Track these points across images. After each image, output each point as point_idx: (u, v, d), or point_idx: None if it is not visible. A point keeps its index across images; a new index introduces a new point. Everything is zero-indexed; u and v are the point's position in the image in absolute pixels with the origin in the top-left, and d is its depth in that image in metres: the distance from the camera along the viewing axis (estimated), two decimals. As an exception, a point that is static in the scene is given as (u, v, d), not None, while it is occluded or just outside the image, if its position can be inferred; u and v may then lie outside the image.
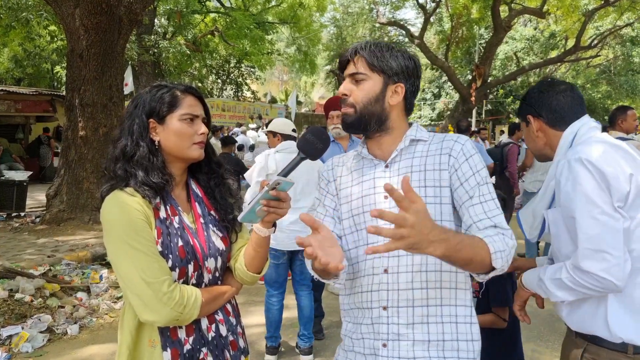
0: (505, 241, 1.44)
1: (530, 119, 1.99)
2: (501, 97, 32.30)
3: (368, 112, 1.59)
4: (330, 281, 1.64)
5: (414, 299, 1.54)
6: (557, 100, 1.93)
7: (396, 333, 1.55)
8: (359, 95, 1.60)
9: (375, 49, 1.60)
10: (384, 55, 1.60)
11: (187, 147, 1.60)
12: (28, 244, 7.34)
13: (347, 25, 28.83)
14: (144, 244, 1.46)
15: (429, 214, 1.24)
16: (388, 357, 1.55)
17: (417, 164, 1.59)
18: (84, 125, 8.41)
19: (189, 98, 1.62)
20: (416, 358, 1.53)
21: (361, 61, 1.60)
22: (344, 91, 1.62)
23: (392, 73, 1.60)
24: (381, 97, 1.60)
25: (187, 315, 1.49)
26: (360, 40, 2.16)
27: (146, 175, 1.53)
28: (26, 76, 21.44)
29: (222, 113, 19.37)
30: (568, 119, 1.91)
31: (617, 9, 18.85)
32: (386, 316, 1.56)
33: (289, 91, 32.61)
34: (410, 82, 1.64)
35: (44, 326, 4.55)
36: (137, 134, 1.57)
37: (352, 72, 1.61)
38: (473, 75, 18.94)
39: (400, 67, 1.61)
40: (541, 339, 4.56)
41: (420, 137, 1.63)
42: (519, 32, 29.74)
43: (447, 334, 1.54)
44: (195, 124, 1.61)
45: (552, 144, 1.95)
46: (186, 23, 19.12)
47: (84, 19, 8.04)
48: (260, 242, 1.62)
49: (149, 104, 1.59)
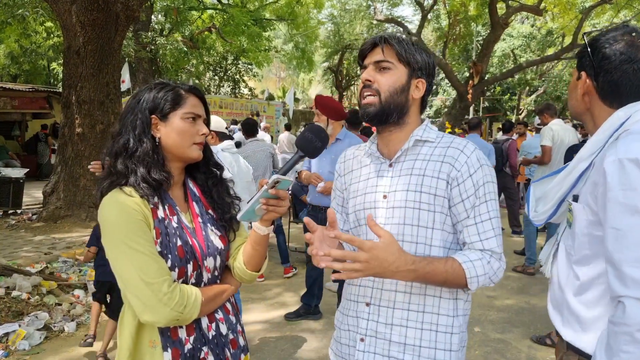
0: (489, 265, 1.50)
1: (582, 76, 1.59)
2: (498, 94, 32.33)
3: (393, 102, 1.57)
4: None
5: (396, 301, 1.57)
6: (626, 73, 1.48)
7: (374, 330, 1.59)
8: (385, 84, 1.57)
9: (403, 41, 1.58)
10: (411, 47, 1.58)
11: (187, 147, 1.59)
12: (25, 241, 7.33)
13: (344, 22, 28.75)
14: (143, 244, 1.46)
15: (394, 246, 1.36)
16: (364, 351, 1.60)
17: (418, 167, 1.57)
18: (80, 123, 8.40)
19: (192, 98, 1.62)
20: (390, 357, 1.56)
21: (389, 50, 1.57)
22: (368, 77, 1.59)
23: (417, 67, 1.59)
24: (406, 88, 1.58)
25: (187, 315, 1.49)
26: (357, 39, 2.17)
27: (147, 172, 1.52)
28: (22, 73, 21.33)
29: (219, 110, 19.32)
30: (626, 97, 1.51)
31: (614, 6, 18.87)
32: (367, 312, 1.61)
33: (286, 88, 32.56)
34: (429, 80, 1.63)
35: (41, 324, 4.54)
36: (139, 129, 1.56)
37: (378, 59, 1.58)
38: (470, 72, 18.93)
39: (425, 63, 1.60)
40: (537, 334, 4.57)
41: (427, 138, 1.60)
42: (516, 30, 29.74)
43: (424, 340, 1.55)
44: (197, 124, 1.61)
45: (594, 115, 1.59)
46: (183, 20, 19.04)
47: (80, 15, 8.02)
48: (259, 241, 1.63)
49: (153, 100, 1.58)
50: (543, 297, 5.69)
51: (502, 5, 18.12)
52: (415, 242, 1.54)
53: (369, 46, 1.62)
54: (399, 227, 1.55)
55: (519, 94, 31.17)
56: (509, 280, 6.34)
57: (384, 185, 1.61)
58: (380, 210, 1.60)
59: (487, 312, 5.20)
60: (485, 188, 1.52)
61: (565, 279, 1.60)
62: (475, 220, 1.52)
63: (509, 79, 27.21)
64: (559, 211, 1.70)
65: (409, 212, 1.54)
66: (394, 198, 1.57)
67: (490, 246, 1.51)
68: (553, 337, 4.39)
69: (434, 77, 1.66)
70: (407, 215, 1.54)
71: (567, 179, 1.61)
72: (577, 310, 1.54)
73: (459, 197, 1.52)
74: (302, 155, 1.56)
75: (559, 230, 1.74)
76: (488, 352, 4.28)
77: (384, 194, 1.60)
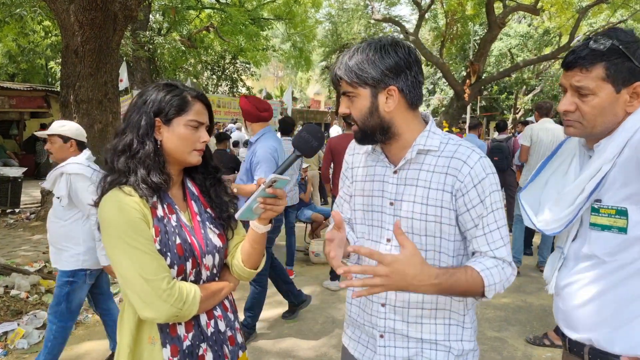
0: (503, 272, 1.51)
1: (636, 86, 1.50)
2: (495, 93, 32.36)
3: (368, 127, 1.56)
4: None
5: (410, 301, 1.60)
6: None
7: (392, 327, 1.63)
8: (355, 113, 1.57)
9: (352, 64, 1.52)
10: (362, 67, 1.50)
11: (187, 152, 1.61)
12: (23, 240, 7.34)
13: (342, 21, 28.78)
14: (142, 242, 1.48)
15: (416, 258, 1.35)
16: (385, 346, 1.64)
17: (423, 178, 1.56)
18: (78, 122, 8.35)
19: (198, 105, 1.63)
20: (410, 348, 1.62)
21: (343, 82, 1.56)
22: (344, 110, 1.60)
23: (376, 81, 1.51)
24: (374, 109, 1.54)
25: (186, 312, 1.51)
26: (355, 38, 2.17)
27: (147, 174, 1.54)
28: (20, 72, 21.27)
29: (217, 109, 19.28)
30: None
31: (611, 6, 18.91)
32: (384, 312, 1.64)
33: (284, 87, 32.52)
34: (403, 77, 1.51)
35: (39, 322, 4.57)
36: (142, 130, 1.57)
37: (344, 91, 1.59)
38: (467, 71, 18.97)
39: (382, 71, 1.50)
40: (533, 334, 4.60)
41: (430, 147, 1.56)
42: (513, 29, 29.78)
43: (439, 334, 1.61)
44: (199, 131, 1.62)
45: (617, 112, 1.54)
46: (181, 19, 19.01)
47: (78, 14, 8.01)
48: (257, 239, 1.66)
49: (159, 102, 1.58)
50: (539, 296, 5.73)
51: (499, 5, 18.15)
52: (424, 249, 1.57)
53: (334, 83, 1.62)
54: (408, 236, 1.53)
55: (516, 93, 31.21)
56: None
57: (390, 192, 1.61)
58: (388, 217, 1.62)
59: (484, 311, 5.23)
60: (491, 198, 1.51)
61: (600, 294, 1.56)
62: (484, 230, 1.52)
63: (506, 78, 27.28)
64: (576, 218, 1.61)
65: (416, 223, 1.56)
66: (400, 207, 1.58)
67: (501, 255, 1.52)
68: (551, 337, 4.41)
69: (412, 66, 1.53)
70: (415, 225, 1.56)
71: (589, 183, 1.54)
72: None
73: (464, 207, 1.52)
74: (298, 154, 1.58)
75: (562, 243, 1.70)
76: (485, 350, 4.31)
77: (391, 200, 1.61)
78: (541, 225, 1.71)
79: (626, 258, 1.50)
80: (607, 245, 1.53)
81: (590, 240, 1.58)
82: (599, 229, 1.55)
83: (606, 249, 1.53)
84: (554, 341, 4.35)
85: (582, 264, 1.61)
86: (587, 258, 1.59)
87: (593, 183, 1.53)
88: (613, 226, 1.51)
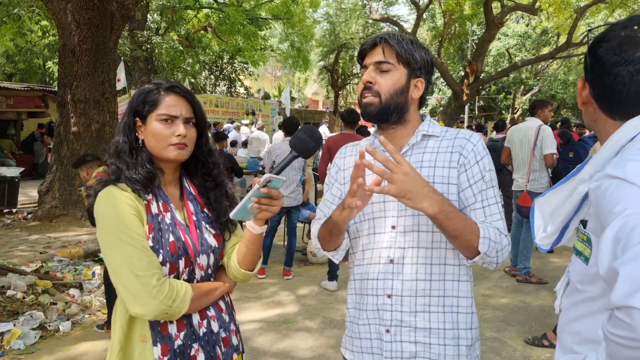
0: (500, 237, 1.53)
1: (579, 83, 1.35)
2: (493, 93, 32.39)
3: (393, 103, 1.60)
4: (329, 253, 1.74)
5: (417, 289, 1.60)
6: (619, 77, 1.19)
7: (399, 320, 1.62)
8: (385, 85, 1.59)
9: (402, 40, 1.60)
10: (411, 47, 1.60)
11: (163, 148, 1.59)
12: (20, 240, 7.32)
13: (340, 21, 28.70)
14: (135, 238, 1.48)
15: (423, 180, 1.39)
16: (392, 341, 1.62)
17: (427, 160, 1.61)
18: (76, 121, 8.38)
19: (169, 97, 1.60)
20: (417, 342, 1.61)
21: (390, 50, 1.59)
22: (369, 79, 1.61)
23: (417, 67, 1.61)
24: (405, 90, 1.61)
25: (176, 309, 1.50)
26: (353, 38, 2.16)
27: (128, 171, 1.56)
28: (18, 71, 21.23)
29: (215, 109, 19.29)
30: (625, 107, 1.22)
31: (609, 5, 18.92)
32: (390, 304, 1.62)
33: (282, 87, 32.54)
34: (428, 78, 1.66)
35: (36, 323, 4.54)
36: (125, 131, 1.61)
37: (378, 60, 1.59)
38: (465, 71, 18.95)
39: (424, 61, 1.62)
40: (532, 335, 4.59)
41: (432, 133, 1.65)
42: (511, 29, 29.79)
43: (447, 322, 1.61)
44: (173, 125, 1.59)
45: (600, 131, 1.33)
46: (179, 19, 19.02)
47: (75, 14, 7.99)
48: (252, 239, 1.64)
49: (136, 102, 1.62)
50: (538, 296, 5.73)
51: (497, 5, 18.16)
52: (431, 230, 1.58)
53: (369, 46, 1.63)
54: (414, 218, 1.59)
55: (514, 93, 31.24)
56: (503, 279, 6.36)
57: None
58: (391, 204, 1.62)
59: (483, 311, 5.22)
60: (490, 174, 1.59)
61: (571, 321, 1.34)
62: (483, 204, 1.57)
63: (504, 78, 27.31)
64: (564, 238, 1.44)
65: None
66: None
67: (498, 226, 1.55)
68: (550, 337, 4.40)
69: (432, 74, 1.69)
70: None
71: (567, 202, 1.36)
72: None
73: (466, 182, 1.57)
74: (296, 155, 1.57)
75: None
76: (483, 351, 4.30)
77: None
78: (538, 238, 1.54)
79: (593, 291, 1.25)
80: (578, 272, 1.33)
81: (572, 264, 1.40)
82: (574, 253, 1.36)
83: (577, 276, 1.33)
84: (553, 342, 4.34)
85: (569, 288, 1.42)
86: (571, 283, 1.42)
87: (572, 203, 1.34)
88: (582, 253, 1.30)
